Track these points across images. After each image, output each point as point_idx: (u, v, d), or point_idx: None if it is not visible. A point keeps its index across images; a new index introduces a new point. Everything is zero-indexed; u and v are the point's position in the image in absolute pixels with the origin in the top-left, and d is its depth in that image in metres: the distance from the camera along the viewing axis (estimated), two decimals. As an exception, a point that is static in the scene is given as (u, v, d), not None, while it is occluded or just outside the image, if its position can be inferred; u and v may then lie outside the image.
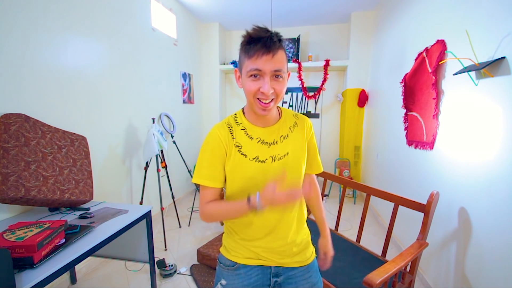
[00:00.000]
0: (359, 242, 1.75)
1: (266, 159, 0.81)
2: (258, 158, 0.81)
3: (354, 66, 3.74)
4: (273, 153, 0.82)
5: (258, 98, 0.75)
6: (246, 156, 0.81)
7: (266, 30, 0.72)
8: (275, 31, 0.74)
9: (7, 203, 1.36)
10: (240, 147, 0.82)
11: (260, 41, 0.71)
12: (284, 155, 0.83)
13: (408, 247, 1.33)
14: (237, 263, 0.88)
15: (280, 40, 0.74)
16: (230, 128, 0.84)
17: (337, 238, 1.79)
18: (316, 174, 1.01)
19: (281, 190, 0.72)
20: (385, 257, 1.58)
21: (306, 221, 0.95)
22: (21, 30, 1.54)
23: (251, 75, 0.74)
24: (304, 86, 3.95)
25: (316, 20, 3.93)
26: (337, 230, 1.92)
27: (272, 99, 0.76)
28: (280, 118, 0.88)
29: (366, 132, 3.75)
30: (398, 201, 1.54)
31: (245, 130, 0.84)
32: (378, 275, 1.08)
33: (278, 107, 0.91)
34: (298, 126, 0.89)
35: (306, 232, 0.94)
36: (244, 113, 0.87)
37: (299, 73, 3.90)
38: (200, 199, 0.85)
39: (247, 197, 0.75)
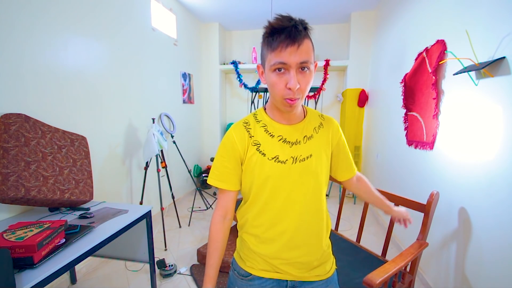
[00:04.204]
0: (359, 242, 1.75)
1: (287, 159, 0.75)
2: (277, 158, 0.75)
3: (354, 66, 3.74)
4: (295, 154, 0.76)
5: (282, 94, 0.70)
6: (264, 155, 0.76)
7: (289, 19, 0.66)
8: (300, 19, 0.68)
9: (7, 203, 1.36)
10: (258, 145, 0.77)
11: (283, 32, 0.65)
12: (307, 157, 0.77)
13: (408, 247, 1.33)
14: (251, 274, 0.82)
15: (305, 28, 0.67)
16: (247, 126, 0.79)
17: (337, 238, 1.79)
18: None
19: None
20: (385, 257, 1.58)
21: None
22: (21, 30, 1.54)
23: (275, 69, 0.67)
24: (304, 86, 3.95)
25: (316, 20, 3.93)
26: (337, 230, 1.92)
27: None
28: (305, 117, 0.82)
29: (366, 132, 3.74)
30: (398, 201, 1.54)
31: (265, 127, 0.78)
32: (378, 275, 1.08)
33: (302, 105, 0.83)
34: (324, 127, 0.83)
35: (327, 244, 0.87)
36: (265, 110, 0.82)
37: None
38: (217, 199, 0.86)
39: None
